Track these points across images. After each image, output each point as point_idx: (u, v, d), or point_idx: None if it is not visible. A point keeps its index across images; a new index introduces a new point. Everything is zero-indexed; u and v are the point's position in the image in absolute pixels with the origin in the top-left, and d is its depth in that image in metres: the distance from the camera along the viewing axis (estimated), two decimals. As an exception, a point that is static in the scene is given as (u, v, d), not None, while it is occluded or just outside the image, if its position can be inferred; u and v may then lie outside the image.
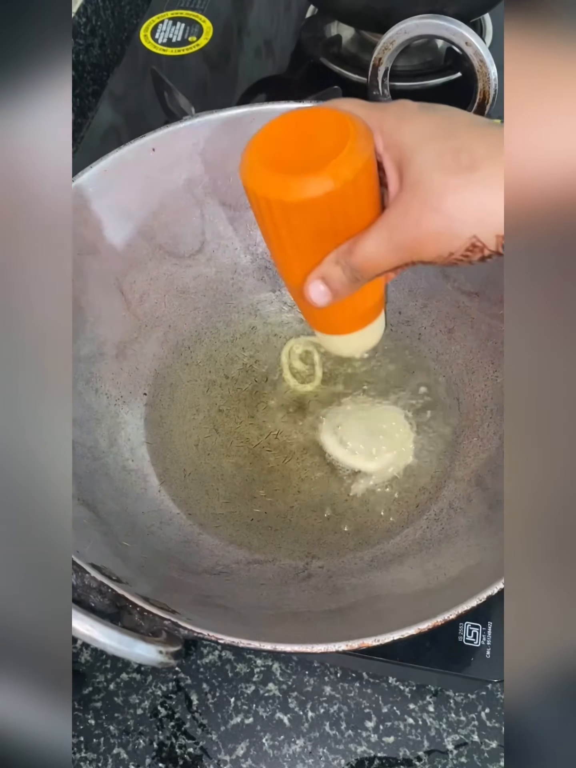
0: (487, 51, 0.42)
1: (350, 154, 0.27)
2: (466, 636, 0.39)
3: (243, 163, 0.29)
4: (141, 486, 0.43)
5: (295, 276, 0.33)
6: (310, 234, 0.30)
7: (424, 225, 0.27)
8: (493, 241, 0.26)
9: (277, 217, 0.29)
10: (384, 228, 0.28)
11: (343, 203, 0.28)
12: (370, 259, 0.29)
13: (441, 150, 0.27)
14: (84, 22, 0.72)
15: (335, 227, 0.29)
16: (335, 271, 0.30)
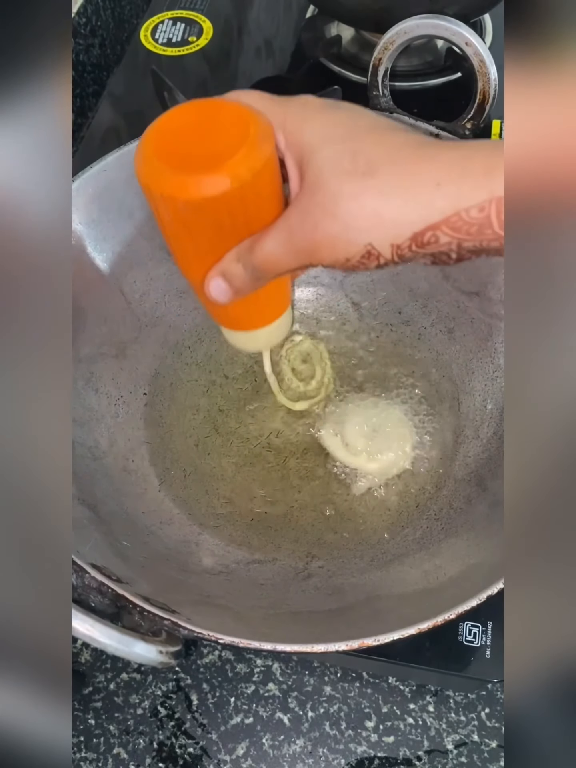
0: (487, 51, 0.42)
1: (249, 153, 0.26)
2: (466, 636, 0.39)
3: (138, 157, 0.28)
4: (141, 486, 0.43)
5: (195, 273, 0.32)
6: (209, 232, 0.29)
7: (321, 230, 0.26)
8: (388, 249, 0.26)
9: (173, 215, 0.28)
10: (283, 229, 0.28)
11: (242, 202, 0.27)
12: (269, 259, 0.28)
13: (339, 153, 0.26)
14: (84, 22, 0.72)
15: (235, 225, 0.29)
16: (236, 268, 0.30)
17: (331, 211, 0.26)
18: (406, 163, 0.26)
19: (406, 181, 0.25)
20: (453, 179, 0.24)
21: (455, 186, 0.24)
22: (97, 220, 0.44)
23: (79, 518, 0.36)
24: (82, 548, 0.32)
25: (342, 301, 0.51)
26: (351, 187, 0.25)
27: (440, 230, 0.25)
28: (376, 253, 0.26)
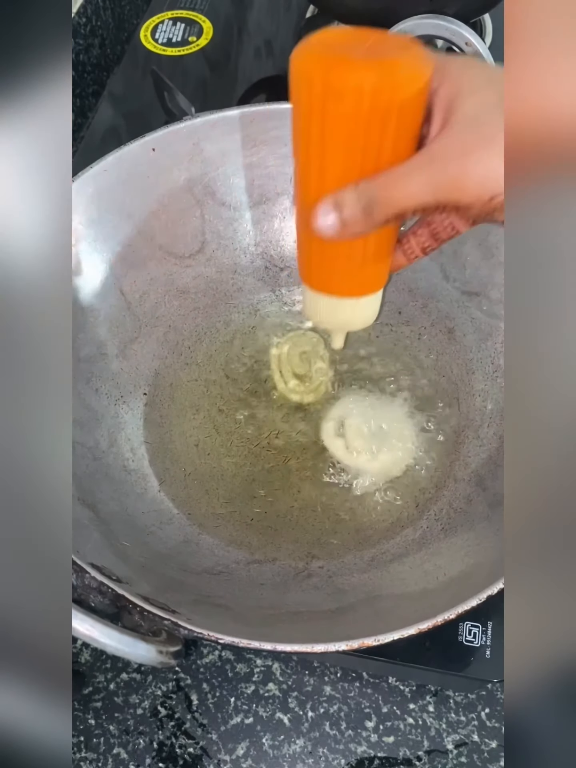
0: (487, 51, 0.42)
1: (411, 62, 0.25)
2: (466, 636, 0.39)
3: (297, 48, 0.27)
4: (141, 486, 0.43)
5: (310, 193, 0.29)
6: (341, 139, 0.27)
7: (476, 157, 0.24)
8: None
9: (315, 102, 0.26)
10: (424, 157, 0.26)
11: (385, 114, 0.26)
12: (397, 186, 0.26)
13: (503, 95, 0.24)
14: (84, 22, 0.72)
15: (367, 142, 0.27)
16: (351, 197, 0.27)
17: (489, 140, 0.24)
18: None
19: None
20: None
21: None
22: (97, 220, 0.44)
23: (79, 518, 0.36)
24: (82, 548, 0.32)
25: (342, 301, 0.51)
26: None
27: None
28: None
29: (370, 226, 0.28)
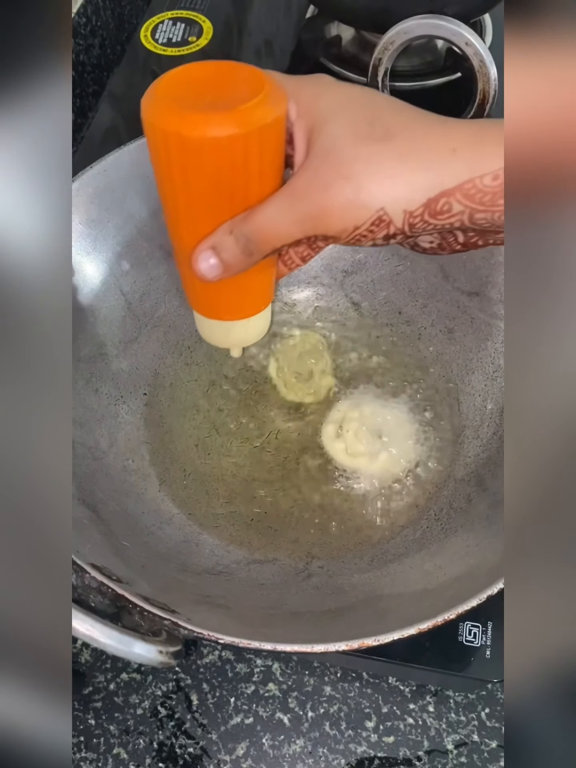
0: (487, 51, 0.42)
1: (261, 104, 0.26)
2: (466, 636, 0.39)
3: (146, 97, 0.27)
4: (141, 486, 0.43)
5: (184, 240, 0.30)
6: (206, 187, 0.27)
7: (332, 193, 0.25)
8: (400, 216, 0.25)
9: (174, 157, 0.27)
10: (287, 194, 0.27)
11: (245, 155, 0.26)
12: (269, 228, 0.27)
13: (356, 118, 0.26)
14: (84, 22, 0.72)
15: (233, 185, 0.27)
16: (228, 240, 0.28)
17: (345, 173, 0.25)
18: (423, 130, 0.25)
19: (422, 146, 0.25)
20: (468, 146, 0.24)
21: (470, 153, 0.24)
22: (97, 220, 0.44)
23: (79, 518, 0.36)
24: (82, 548, 0.32)
25: (342, 301, 0.51)
26: (367, 151, 0.25)
27: (454, 197, 0.25)
28: (388, 220, 0.25)
29: (251, 263, 0.29)
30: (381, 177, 0.25)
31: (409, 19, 0.43)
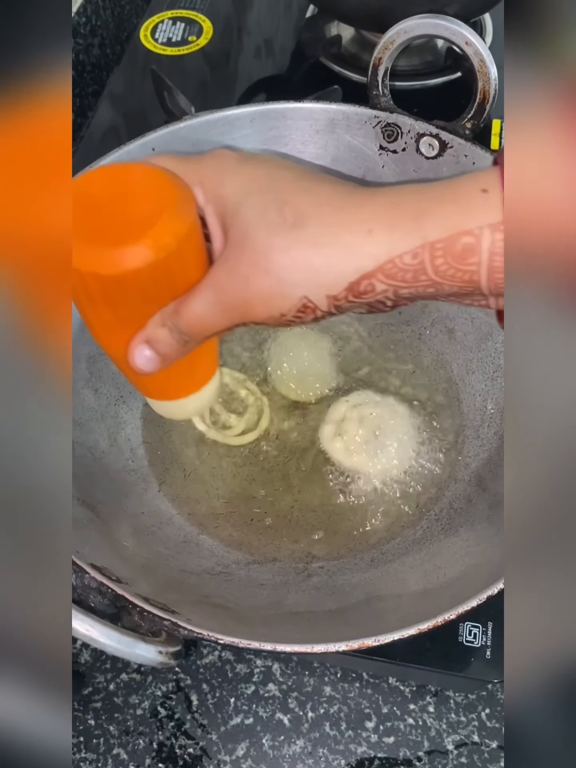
0: (487, 51, 0.42)
1: (172, 219, 0.25)
2: (466, 636, 0.39)
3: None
4: (141, 486, 0.43)
5: (116, 345, 0.29)
6: (131, 303, 0.27)
7: (253, 286, 0.25)
8: (324, 301, 0.25)
9: (93, 290, 0.26)
10: (211, 288, 0.26)
11: (167, 271, 0.26)
12: (198, 321, 0.27)
13: (264, 205, 0.25)
14: (84, 22, 0.72)
15: (159, 293, 0.27)
16: (162, 333, 0.28)
17: (262, 265, 0.25)
18: (335, 212, 0.25)
19: (337, 230, 0.24)
20: (384, 226, 0.24)
21: (387, 233, 0.24)
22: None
23: (79, 518, 0.36)
24: (82, 548, 0.32)
25: (342, 301, 0.51)
26: (281, 240, 0.25)
27: (376, 278, 0.24)
28: (313, 306, 0.25)
29: (188, 351, 0.29)
30: (299, 267, 0.25)
31: (409, 18, 0.43)
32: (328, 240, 0.24)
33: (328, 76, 0.67)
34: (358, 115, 0.44)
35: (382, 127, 0.44)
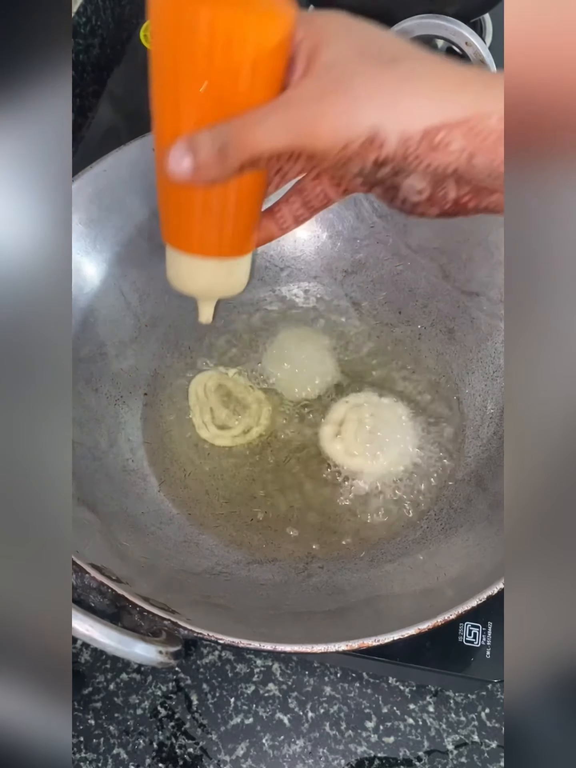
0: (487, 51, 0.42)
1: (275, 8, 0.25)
2: (466, 636, 0.39)
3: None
4: (141, 486, 0.43)
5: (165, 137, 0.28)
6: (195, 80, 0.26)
7: (328, 101, 0.24)
8: (395, 138, 0.24)
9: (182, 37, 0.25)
10: (280, 102, 0.25)
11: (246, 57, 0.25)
12: (250, 128, 0.25)
13: (364, 42, 0.25)
14: (84, 22, 0.72)
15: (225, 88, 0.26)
16: (206, 138, 0.26)
17: (344, 84, 0.24)
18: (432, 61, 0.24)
19: (430, 74, 0.24)
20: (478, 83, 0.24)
21: (479, 88, 0.23)
22: (97, 220, 0.44)
23: (79, 518, 0.36)
24: (82, 548, 0.32)
25: (342, 301, 0.51)
26: (371, 69, 0.24)
27: (455, 132, 0.23)
28: (381, 140, 0.24)
29: (224, 170, 0.26)
30: (381, 94, 0.24)
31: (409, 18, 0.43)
32: (418, 79, 0.24)
33: (328, 76, 0.67)
34: (358, 115, 0.44)
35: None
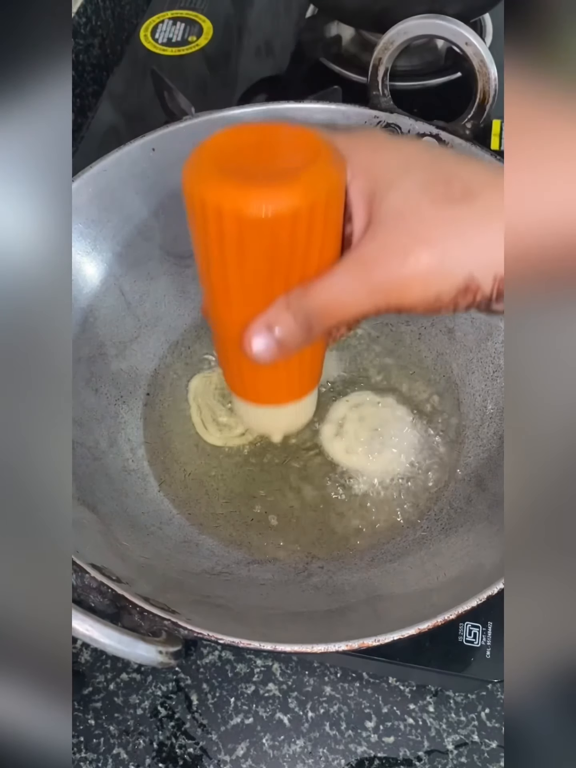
0: (487, 51, 0.42)
1: (325, 167, 0.23)
2: (466, 636, 0.39)
3: (189, 168, 0.24)
4: (141, 486, 0.43)
5: (232, 320, 0.27)
6: (262, 262, 0.25)
7: (413, 261, 0.23)
8: (489, 282, 0.23)
9: (228, 234, 0.24)
10: (355, 262, 0.24)
11: (308, 227, 0.24)
12: (333, 301, 0.24)
13: (428, 178, 0.23)
14: (84, 22, 0.72)
15: (292, 259, 0.25)
16: (285, 317, 0.25)
17: (424, 237, 0.23)
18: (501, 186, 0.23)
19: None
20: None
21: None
22: (96, 220, 0.44)
23: (79, 518, 0.36)
24: (82, 548, 0.32)
25: (342, 301, 0.51)
26: (450, 213, 0.22)
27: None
28: (475, 287, 0.23)
29: (310, 341, 0.26)
30: (468, 240, 0.22)
31: (409, 18, 0.43)
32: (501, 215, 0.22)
33: (328, 76, 0.67)
34: (358, 115, 0.44)
35: (382, 127, 0.44)
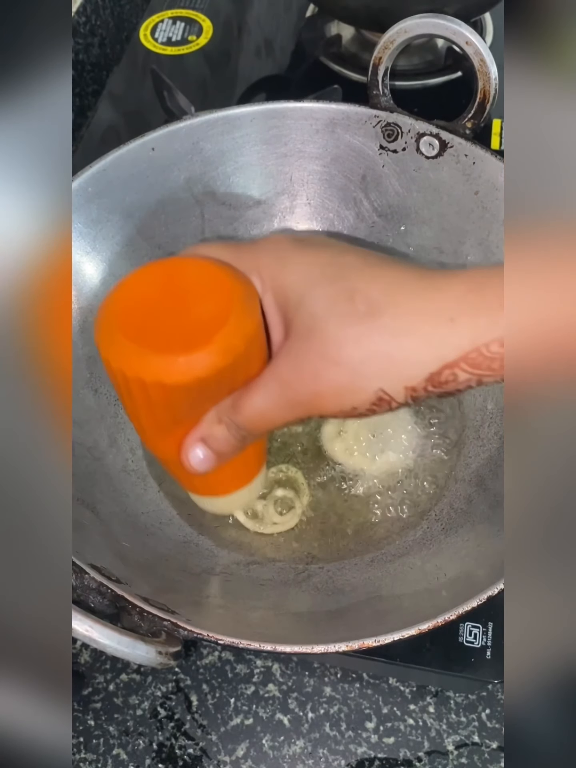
0: (487, 50, 0.42)
1: (239, 321, 0.23)
2: (466, 636, 0.39)
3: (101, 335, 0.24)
4: (141, 486, 0.43)
5: (167, 446, 0.28)
6: (191, 405, 0.26)
7: (324, 379, 0.24)
8: (401, 393, 0.23)
9: (154, 398, 0.24)
10: (275, 382, 0.25)
11: (232, 373, 0.24)
12: (260, 417, 0.26)
13: (333, 294, 0.24)
14: (84, 22, 0.72)
15: (220, 393, 0.26)
16: (219, 430, 0.27)
17: (334, 358, 0.23)
18: (410, 299, 0.23)
19: (414, 319, 0.23)
20: (467, 313, 0.22)
21: (471, 320, 0.22)
22: (96, 220, 0.43)
23: (79, 518, 0.36)
24: (81, 549, 0.32)
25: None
26: (354, 330, 0.23)
27: (458, 368, 0.23)
28: (388, 398, 0.24)
29: (245, 446, 0.28)
30: (375, 358, 0.23)
31: (409, 18, 0.43)
32: (405, 329, 0.23)
33: (328, 75, 0.67)
34: (358, 114, 0.44)
35: (382, 127, 0.44)
